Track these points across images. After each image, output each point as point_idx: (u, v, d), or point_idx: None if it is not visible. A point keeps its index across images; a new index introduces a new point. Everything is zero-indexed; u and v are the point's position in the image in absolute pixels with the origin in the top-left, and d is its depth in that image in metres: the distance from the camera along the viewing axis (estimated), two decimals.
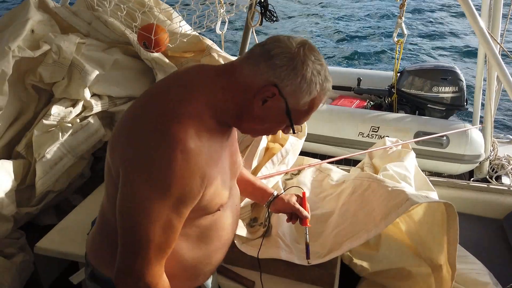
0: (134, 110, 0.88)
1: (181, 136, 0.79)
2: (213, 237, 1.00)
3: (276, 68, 0.84)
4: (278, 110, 0.88)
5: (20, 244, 1.86)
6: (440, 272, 1.41)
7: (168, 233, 0.83)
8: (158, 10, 2.12)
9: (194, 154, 0.80)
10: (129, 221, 0.82)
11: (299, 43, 0.86)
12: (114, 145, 0.87)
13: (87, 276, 1.03)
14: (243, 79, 0.87)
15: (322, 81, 0.87)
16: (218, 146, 0.90)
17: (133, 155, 0.81)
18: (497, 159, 3.05)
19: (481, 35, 1.91)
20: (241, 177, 1.29)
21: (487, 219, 2.11)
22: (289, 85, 0.85)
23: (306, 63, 0.85)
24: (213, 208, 0.94)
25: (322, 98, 0.90)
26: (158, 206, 0.80)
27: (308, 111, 0.90)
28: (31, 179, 1.93)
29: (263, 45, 0.88)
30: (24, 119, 2.03)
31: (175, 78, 0.93)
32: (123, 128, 0.86)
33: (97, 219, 1.03)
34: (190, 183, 0.82)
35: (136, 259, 0.82)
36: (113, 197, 0.87)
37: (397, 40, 3.04)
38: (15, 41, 1.80)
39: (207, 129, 0.85)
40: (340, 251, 1.41)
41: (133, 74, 2.29)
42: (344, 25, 9.57)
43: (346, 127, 3.13)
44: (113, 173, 0.86)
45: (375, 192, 1.51)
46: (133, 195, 0.80)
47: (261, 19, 2.08)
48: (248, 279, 1.46)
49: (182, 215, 0.85)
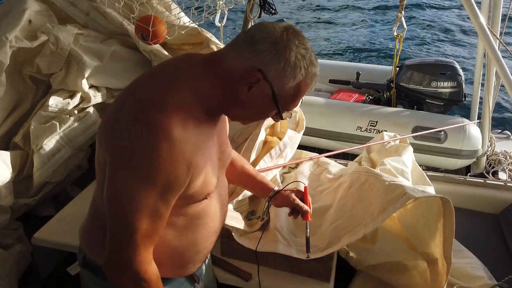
0: (118, 101, 0.88)
1: (166, 125, 0.79)
2: (200, 225, 1.00)
3: (260, 53, 0.84)
4: (264, 96, 0.87)
5: (17, 235, 1.86)
6: (435, 266, 1.42)
7: (155, 220, 0.84)
8: (157, 1, 2.11)
9: (179, 143, 0.80)
10: (116, 210, 0.83)
11: (283, 28, 0.86)
12: (101, 136, 0.87)
13: (79, 263, 1.04)
14: (228, 66, 0.87)
15: (307, 65, 0.87)
16: (205, 135, 0.90)
17: (118, 145, 0.81)
18: (494, 154, 3.06)
19: (480, 30, 1.90)
20: (243, 171, 1.30)
21: (483, 214, 2.12)
22: (273, 69, 0.84)
23: (290, 47, 0.84)
24: (199, 197, 0.94)
25: (308, 82, 0.89)
26: (145, 194, 0.81)
27: (294, 96, 0.90)
28: (29, 170, 1.93)
29: (248, 31, 0.87)
30: (21, 110, 2.02)
31: (160, 67, 0.93)
32: (108, 119, 0.87)
33: (89, 207, 1.04)
34: (176, 171, 0.82)
35: (124, 247, 0.84)
36: (101, 185, 0.88)
37: (396, 34, 3.03)
38: (12, 31, 1.78)
39: (193, 117, 0.85)
40: (338, 245, 1.41)
41: (131, 66, 2.28)
42: (343, 19, 9.53)
43: (344, 121, 3.13)
44: (101, 163, 0.87)
45: (373, 186, 1.51)
46: (120, 185, 0.81)
47: (260, 12, 2.07)
48: (245, 271, 1.47)
49: (168, 203, 0.86)
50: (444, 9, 9.90)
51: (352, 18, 9.62)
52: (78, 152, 2.14)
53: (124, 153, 0.80)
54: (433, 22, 9.02)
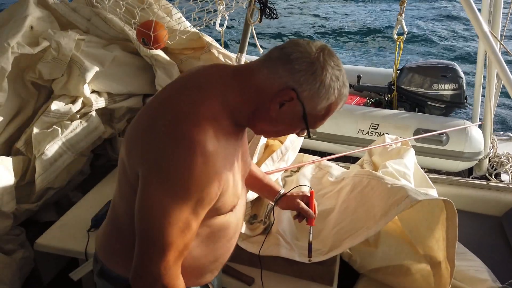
0: (149, 111, 0.88)
1: (200, 139, 0.79)
2: (221, 236, 1.00)
3: (295, 72, 0.84)
4: (295, 114, 0.88)
5: (20, 240, 1.86)
6: (439, 269, 1.42)
7: (186, 235, 0.84)
8: (157, 7, 2.11)
9: (213, 157, 0.80)
10: (148, 223, 0.82)
11: (319, 48, 0.86)
12: (131, 146, 0.86)
13: (96, 273, 1.03)
14: (260, 82, 0.87)
15: (340, 86, 0.87)
16: (232, 147, 0.90)
17: (153, 157, 0.81)
18: (496, 156, 3.05)
19: (481, 32, 1.90)
20: (251, 173, 1.30)
21: (486, 216, 2.11)
22: (308, 90, 0.85)
23: (326, 68, 0.85)
24: (226, 209, 0.94)
25: (339, 103, 0.90)
26: (178, 209, 0.80)
27: (324, 116, 0.91)
28: (31, 175, 1.93)
29: (282, 48, 0.87)
30: (23, 116, 2.03)
31: (191, 78, 0.92)
32: (140, 130, 0.86)
33: (108, 216, 1.03)
34: (209, 186, 0.82)
35: (154, 261, 0.83)
36: (127, 196, 0.88)
37: (397, 37, 3.03)
38: (14, 37, 1.79)
39: (223, 130, 0.85)
40: (341, 248, 1.41)
41: (132, 71, 2.28)
42: (343, 22, 9.55)
43: (345, 124, 3.13)
44: (129, 173, 0.86)
45: (375, 189, 1.51)
46: (153, 198, 0.81)
47: (260, 16, 2.07)
48: (248, 275, 1.46)
49: (200, 217, 0.86)
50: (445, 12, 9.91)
51: (353, 21, 9.64)
52: (80, 157, 2.15)
53: (161, 167, 0.80)
54: (433, 24, 9.03)
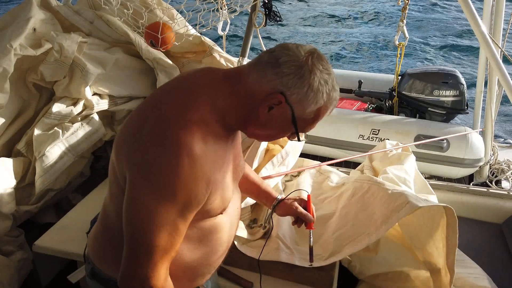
0: (139, 114, 0.88)
1: (187, 141, 0.79)
2: (213, 239, 1.00)
3: (284, 76, 0.84)
4: (284, 118, 0.88)
5: (19, 242, 1.85)
6: (438, 275, 1.41)
7: (173, 237, 0.84)
8: (161, 10, 2.12)
9: (200, 160, 0.80)
10: (135, 225, 0.82)
11: (308, 52, 0.86)
12: (120, 148, 0.87)
13: (87, 274, 1.03)
14: (250, 85, 0.87)
15: (329, 90, 0.87)
16: (222, 150, 0.90)
17: (140, 161, 0.81)
18: (497, 163, 3.05)
19: (482, 39, 1.91)
20: (248, 179, 1.30)
21: (486, 224, 2.11)
22: (296, 93, 0.85)
23: (314, 72, 0.85)
24: (216, 212, 0.94)
25: (328, 107, 0.90)
26: (165, 211, 0.80)
27: (314, 119, 0.91)
28: (31, 177, 1.93)
29: (271, 52, 0.88)
30: (25, 117, 2.03)
31: (181, 81, 0.93)
32: (129, 132, 0.87)
33: (99, 216, 1.03)
34: (196, 188, 0.82)
35: (141, 263, 0.83)
36: (116, 196, 0.88)
37: (398, 43, 3.04)
38: (17, 39, 1.80)
39: (212, 133, 0.85)
40: (341, 254, 1.41)
41: (134, 74, 2.29)
42: (345, 27, 9.58)
43: (346, 130, 3.14)
44: (118, 175, 0.87)
45: (375, 195, 1.51)
46: (140, 201, 0.81)
47: (265, 20, 2.07)
48: (246, 280, 1.46)
49: (187, 220, 0.86)
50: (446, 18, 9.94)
51: (354, 26, 9.67)
52: (81, 159, 2.15)
53: (147, 170, 0.80)
54: (435, 31, 9.06)
